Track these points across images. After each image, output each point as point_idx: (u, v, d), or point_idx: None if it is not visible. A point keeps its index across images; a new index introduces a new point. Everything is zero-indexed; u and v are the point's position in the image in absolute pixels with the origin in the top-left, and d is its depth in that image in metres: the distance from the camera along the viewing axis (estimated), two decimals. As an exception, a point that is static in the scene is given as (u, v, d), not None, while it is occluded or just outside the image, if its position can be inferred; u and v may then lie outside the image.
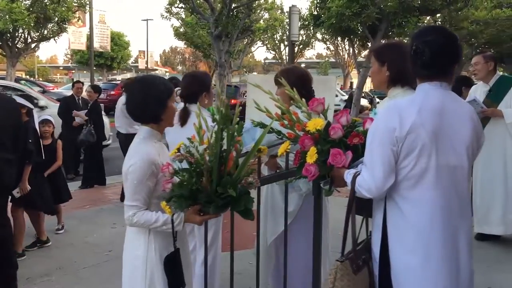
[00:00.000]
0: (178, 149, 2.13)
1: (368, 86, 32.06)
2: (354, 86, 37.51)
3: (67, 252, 4.75)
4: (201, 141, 2.11)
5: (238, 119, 2.11)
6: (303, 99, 2.34)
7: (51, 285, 4.01)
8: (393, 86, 2.51)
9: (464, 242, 1.94)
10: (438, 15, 17.70)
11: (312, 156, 2.06)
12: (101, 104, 8.72)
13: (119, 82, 23.73)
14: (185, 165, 2.13)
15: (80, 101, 8.47)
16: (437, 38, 1.91)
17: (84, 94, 8.77)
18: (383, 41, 17.80)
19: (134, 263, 2.19)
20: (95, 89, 8.30)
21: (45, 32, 18.67)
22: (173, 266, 2.17)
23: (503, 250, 4.74)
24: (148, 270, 2.16)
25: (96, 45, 25.04)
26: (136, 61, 50.44)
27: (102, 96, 11.49)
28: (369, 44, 18.21)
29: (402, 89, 2.49)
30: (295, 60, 13.25)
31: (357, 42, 19.58)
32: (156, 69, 54.12)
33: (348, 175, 1.98)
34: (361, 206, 2.07)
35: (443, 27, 2.02)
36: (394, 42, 2.95)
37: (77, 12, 20.04)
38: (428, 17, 18.65)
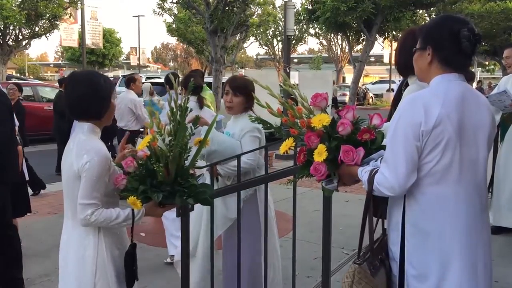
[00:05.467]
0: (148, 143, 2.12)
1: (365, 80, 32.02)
2: (347, 81, 37.62)
3: (65, 253, 4.68)
4: (161, 134, 2.11)
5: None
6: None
7: (51, 285, 3.95)
8: (408, 74, 2.55)
9: (486, 238, 1.89)
10: (433, 8, 17.72)
11: (321, 154, 1.97)
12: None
13: (111, 79, 23.53)
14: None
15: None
16: (474, 28, 1.84)
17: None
18: (378, 36, 17.82)
19: (83, 263, 2.11)
20: (18, 87, 7.60)
21: (37, 29, 18.50)
22: (132, 261, 2.16)
23: (506, 244, 4.73)
24: (99, 269, 2.11)
25: (88, 41, 24.79)
26: (127, 58, 50.08)
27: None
28: (364, 39, 18.21)
29: (415, 77, 2.48)
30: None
31: (352, 37, 19.57)
32: (148, 66, 53.81)
33: (363, 172, 1.90)
34: (375, 206, 2.01)
35: None
36: (407, 31, 2.85)
37: (69, 9, 19.87)
38: (422, 11, 18.67)
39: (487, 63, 35.97)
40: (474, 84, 23.90)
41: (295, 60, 46.15)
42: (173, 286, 3.79)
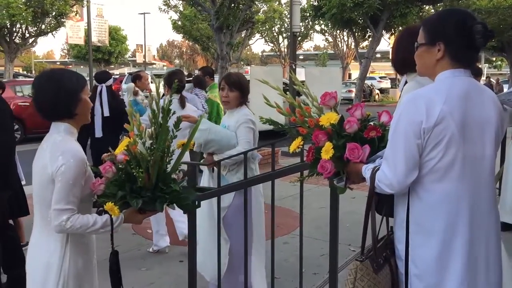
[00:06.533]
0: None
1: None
2: (353, 77, 37.52)
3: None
4: (142, 136, 2.05)
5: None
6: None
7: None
8: (410, 71, 2.50)
9: (492, 236, 1.87)
10: (439, 4, 17.61)
11: (328, 151, 1.97)
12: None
13: (117, 76, 23.62)
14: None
15: None
16: (484, 22, 1.83)
17: None
18: (384, 32, 17.76)
19: (47, 270, 2.02)
20: None
21: (43, 26, 18.59)
22: (117, 269, 2.11)
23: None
24: (62, 278, 2.02)
25: (94, 39, 24.86)
26: (133, 55, 50.18)
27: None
28: (370, 35, 18.15)
29: (414, 75, 2.46)
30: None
31: (358, 33, 19.52)
32: (154, 63, 53.88)
33: (366, 170, 1.90)
34: (381, 204, 2.01)
35: None
36: (403, 29, 2.86)
37: (75, 6, 19.96)
38: (429, 7, 18.56)
39: (494, 59, 35.75)
40: (483, 80, 23.74)
41: (301, 57, 46.07)
42: (181, 282, 3.80)
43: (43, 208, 2.04)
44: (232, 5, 11.60)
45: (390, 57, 2.77)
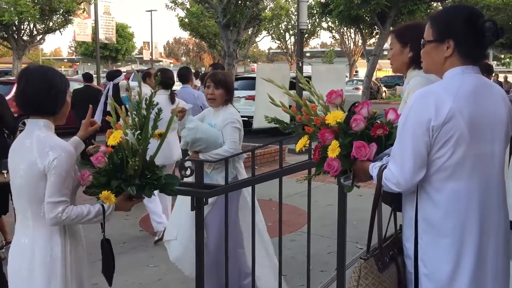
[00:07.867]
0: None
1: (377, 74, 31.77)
2: (360, 75, 37.37)
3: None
4: (132, 128, 2.12)
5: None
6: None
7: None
8: (413, 68, 2.49)
9: (501, 234, 1.85)
10: (448, 1, 17.50)
11: (334, 150, 1.97)
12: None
13: (124, 73, 23.73)
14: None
15: None
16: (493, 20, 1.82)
17: None
18: (392, 28, 17.66)
19: (51, 265, 2.03)
20: None
21: (51, 24, 18.69)
22: (112, 255, 2.18)
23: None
24: (68, 270, 2.06)
25: (102, 36, 24.87)
26: (140, 52, 50.27)
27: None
28: (378, 32, 18.08)
29: (418, 71, 2.45)
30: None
31: (365, 30, 19.45)
32: (161, 60, 53.90)
33: (373, 168, 1.89)
34: (389, 197, 2.00)
35: None
36: (415, 23, 2.84)
37: (82, 4, 20.01)
38: (437, 4, 18.44)
39: (502, 56, 35.47)
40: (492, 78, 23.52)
41: (308, 54, 45.90)
42: (188, 280, 3.82)
43: (35, 205, 2.04)
44: (239, 2, 11.61)
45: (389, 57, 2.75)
